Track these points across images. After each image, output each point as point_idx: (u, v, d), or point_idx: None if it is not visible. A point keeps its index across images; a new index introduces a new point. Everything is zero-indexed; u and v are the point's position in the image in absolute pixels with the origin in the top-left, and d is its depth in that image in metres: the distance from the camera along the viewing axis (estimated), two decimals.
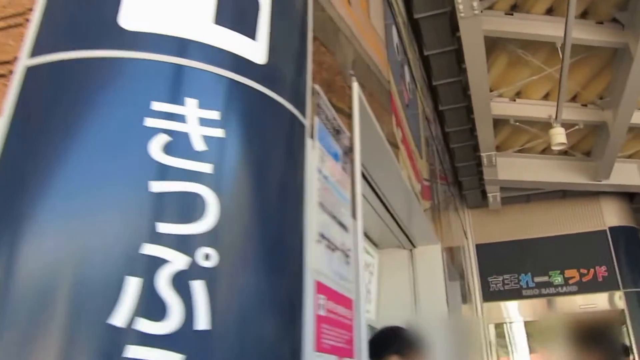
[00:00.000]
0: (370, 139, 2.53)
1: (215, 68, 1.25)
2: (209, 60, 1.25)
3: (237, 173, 1.21)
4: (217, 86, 1.26)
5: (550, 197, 8.24)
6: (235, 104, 1.34)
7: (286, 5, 1.62)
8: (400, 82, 3.53)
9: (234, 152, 1.21)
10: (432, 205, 4.19)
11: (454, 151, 6.77)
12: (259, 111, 1.39)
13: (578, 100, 6.20)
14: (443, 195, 5.32)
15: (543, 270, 7.98)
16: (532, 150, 7.21)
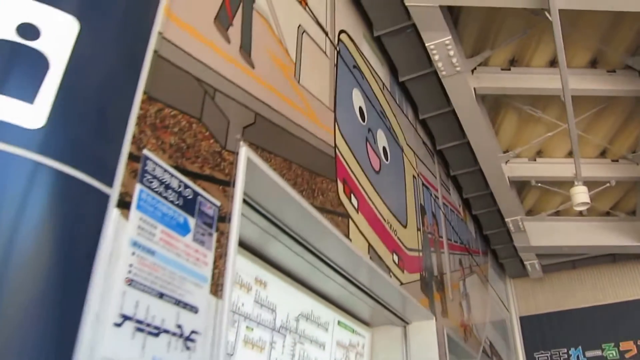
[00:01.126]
0: (290, 207, 2.29)
1: None
2: None
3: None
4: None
5: (599, 262, 7.50)
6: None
7: (94, 64, 1.45)
8: (366, 148, 3.28)
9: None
10: (422, 277, 3.81)
11: (477, 218, 6.33)
12: (26, 181, 1.22)
13: (608, 156, 5.69)
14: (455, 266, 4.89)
15: (595, 343, 7.17)
16: (568, 212, 6.64)
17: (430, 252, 4.18)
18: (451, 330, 4.18)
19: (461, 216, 5.72)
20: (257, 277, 2.78)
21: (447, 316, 4.24)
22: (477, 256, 6.13)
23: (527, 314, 7.69)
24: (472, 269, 5.68)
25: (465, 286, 5.12)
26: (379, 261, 3.08)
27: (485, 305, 5.91)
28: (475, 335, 5.04)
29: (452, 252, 4.89)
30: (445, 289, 4.37)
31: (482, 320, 5.53)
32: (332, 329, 3.44)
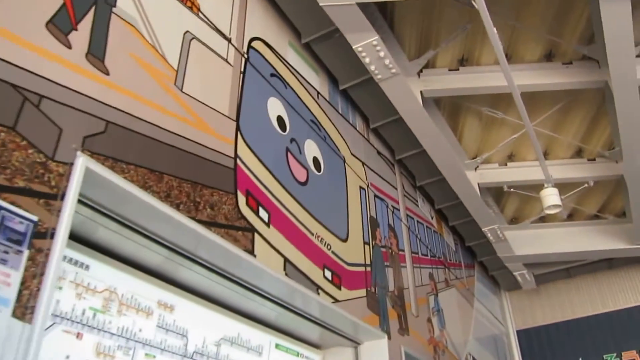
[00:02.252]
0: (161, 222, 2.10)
1: None
2: None
3: None
4: None
5: (595, 269, 7.16)
6: None
7: None
8: (286, 158, 3.09)
9: None
10: (370, 293, 3.57)
11: (456, 229, 6.06)
12: None
13: (584, 155, 5.41)
14: (422, 281, 4.63)
15: (596, 354, 6.78)
16: (554, 218, 6.33)
17: (384, 267, 3.94)
18: (412, 349, 3.92)
19: (434, 228, 5.47)
20: (160, 301, 2.58)
21: (408, 333, 3.98)
22: (457, 269, 5.85)
23: (525, 327, 7.34)
24: (450, 283, 5.40)
25: (437, 301, 4.84)
26: (301, 278, 2.86)
27: (467, 320, 5.60)
28: (452, 352, 4.74)
29: (418, 266, 4.64)
30: (406, 305, 4.12)
31: (462, 337, 5.23)
32: (268, 352, 3.21)
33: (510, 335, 7.29)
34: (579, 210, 6.28)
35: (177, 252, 2.26)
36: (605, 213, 6.23)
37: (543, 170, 4.64)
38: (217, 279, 2.59)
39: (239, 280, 2.60)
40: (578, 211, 6.30)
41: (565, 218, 6.37)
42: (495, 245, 5.94)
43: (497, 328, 6.73)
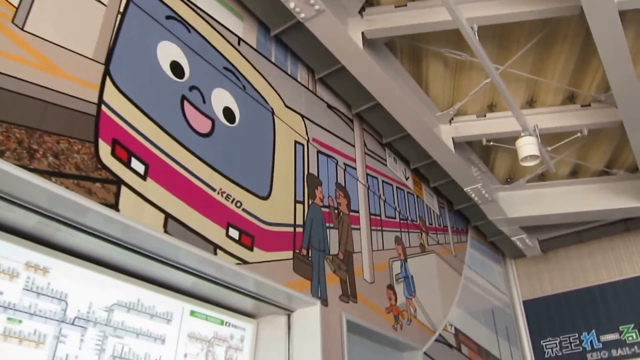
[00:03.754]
0: None
1: None
2: None
3: None
4: None
5: (610, 232, 6.81)
6: None
7: None
8: (181, 107, 2.96)
9: None
10: (298, 255, 3.42)
11: (439, 191, 5.83)
12: None
13: (577, 101, 5.09)
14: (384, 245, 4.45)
15: (611, 325, 6.47)
16: (555, 176, 6.04)
17: (325, 228, 3.79)
18: (359, 316, 3.77)
19: (408, 189, 5.26)
20: (29, 263, 2.50)
21: (356, 300, 3.82)
22: (440, 234, 5.63)
23: (532, 297, 7.06)
24: (427, 249, 5.20)
25: (405, 267, 4.66)
26: (191, 236, 2.74)
27: (451, 289, 5.40)
28: (421, 322, 4.56)
29: (378, 229, 4.46)
30: (356, 269, 3.96)
31: (441, 306, 5.04)
32: (180, 319, 3.12)
33: (516, 306, 7.03)
34: (583, 166, 5.96)
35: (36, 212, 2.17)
36: (615, 168, 5.88)
37: (517, 117, 4.38)
38: (87, 239, 2.49)
39: (108, 238, 2.49)
40: (582, 167, 5.98)
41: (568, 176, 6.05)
42: (483, 207, 5.70)
43: (496, 298, 6.49)
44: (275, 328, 3.52)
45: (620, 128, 4.98)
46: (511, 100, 4.20)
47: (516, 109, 4.29)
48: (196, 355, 3.15)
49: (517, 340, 6.70)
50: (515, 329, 6.76)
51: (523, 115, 4.37)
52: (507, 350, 6.22)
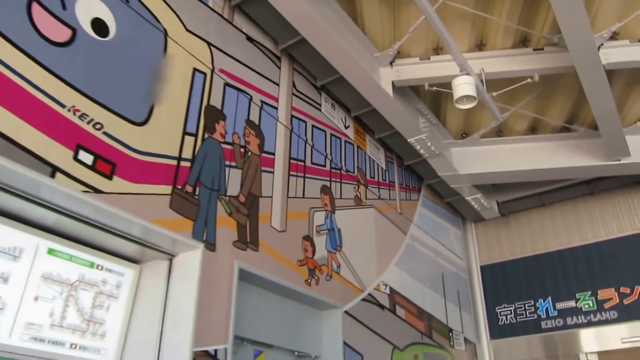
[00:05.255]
0: None
1: None
2: None
3: None
4: None
5: (572, 194, 6.30)
6: None
7: None
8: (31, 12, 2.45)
9: None
10: (179, 192, 2.93)
11: (385, 144, 5.30)
12: None
13: (530, 45, 4.53)
14: (303, 192, 3.96)
15: (568, 292, 6.00)
16: (512, 132, 5.51)
17: (222, 165, 3.28)
18: (258, 266, 3.29)
19: (346, 138, 4.73)
20: None
21: (257, 248, 3.34)
22: (385, 189, 5.12)
23: (490, 262, 6.58)
24: (364, 202, 4.70)
25: (332, 219, 4.17)
26: (23, 155, 2.25)
27: (390, 247, 4.91)
28: (344, 278, 4.08)
29: (300, 175, 3.95)
30: (261, 215, 3.47)
31: (375, 264, 4.56)
32: (32, 258, 2.63)
33: (473, 271, 6.56)
34: (542, 123, 5.42)
35: None
36: (576, 124, 5.34)
37: (454, 56, 3.84)
38: None
39: None
40: (542, 123, 5.44)
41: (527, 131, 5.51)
42: (431, 161, 5.18)
43: (449, 261, 6.00)
44: (157, 274, 3.05)
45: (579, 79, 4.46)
46: (447, 36, 3.67)
47: (453, 46, 3.75)
48: (52, 299, 2.68)
49: (470, 305, 6.23)
50: (469, 295, 6.28)
51: (460, 54, 3.84)
52: (456, 315, 5.76)
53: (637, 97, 4.96)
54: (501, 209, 6.41)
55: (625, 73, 4.70)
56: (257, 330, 3.38)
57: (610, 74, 4.56)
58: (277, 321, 3.56)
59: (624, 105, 5.03)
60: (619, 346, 5.56)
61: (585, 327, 5.77)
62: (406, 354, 4.58)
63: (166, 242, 2.88)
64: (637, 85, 4.85)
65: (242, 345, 3.26)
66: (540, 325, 5.99)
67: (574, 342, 5.78)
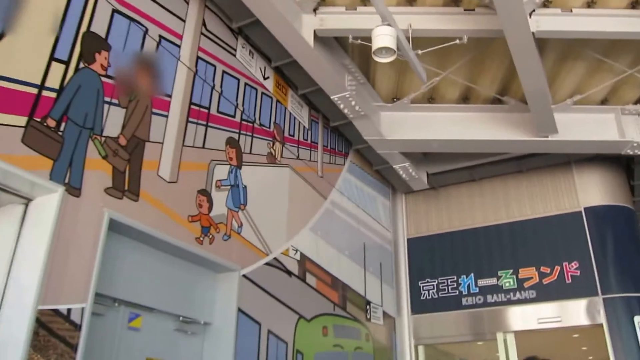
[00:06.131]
0: None
1: None
2: None
3: None
4: None
5: (502, 171, 6.08)
6: None
7: None
8: None
9: None
10: (36, 125, 2.46)
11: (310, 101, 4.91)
12: None
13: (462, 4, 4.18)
14: (205, 142, 3.54)
15: (490, 270, 5.80)
16: (443, 99, 5.19)
17: (100, 101, 2.83)
18: (136, 217, 2.87)
19: (264, 90, 4.32)
20: None
21: (137, 198, 2.91)
22: (306, 150, 4.75)
23: (418, 235, 6.33)
24: (279, 161, 4.32)
25: (237, 175, 3.77)
26: None
27: (306, 210, 4.56)
28: (245, 239, 3.71)
29: (200, 123, 3.53)
30: (146, 162, 3.03)
31: (285, 227, 4.19)
32: None
33: (399, 243, 6.29)
34: (474, 92, 5.13)
35: None
36: (508, 95, 5.06)
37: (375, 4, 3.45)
38: None
39: None
40: (474, 93, 5.15)
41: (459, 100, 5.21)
42: (356, 123, 4.83)
43: (373, 232, 5.70)
44: (9, 220, 2.59)
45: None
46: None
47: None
48: None
49: (393, 279, 5.97)
50: (392, 267, 6.02)
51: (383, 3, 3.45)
52: (376, 287, 5.48)
53: (568, 73, 4.72)
54: (431, 181, 6.14)
55: (557, 46, 4.45)
56: (134, 291, 2.98)
57: (542, 46, 4.31)
58: (160, 282, 3.16)
59: (554, 81, 4.80)
60: (536, 326, 5.42)
61: (504, 304, 5.59)
62: (314, 325, 4.27)
63: (15, 182, 2.43)
64: (570, 61, 4.60)
65: (113, 307, 2.86)
66: (461, 302, 5.79)
67: (492, 321, 5.60)
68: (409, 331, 5.88)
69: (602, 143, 4.97)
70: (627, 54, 4.44)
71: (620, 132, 4.93)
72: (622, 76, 4.56)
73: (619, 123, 4.97)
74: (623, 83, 4.76)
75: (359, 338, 4.92)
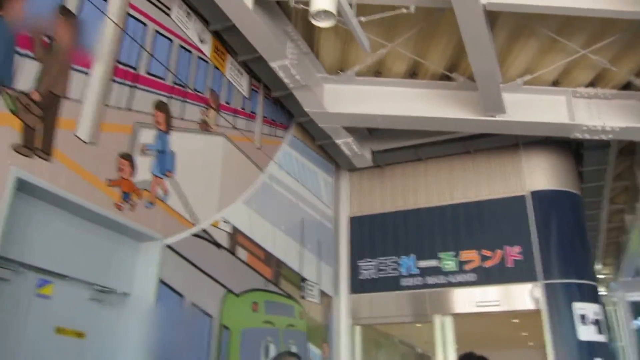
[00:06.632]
0: None
1: None
2: None
3: None
4: None
5: (449, 151, 6.19)
6: None
7: None
8: None
9: None
10: None
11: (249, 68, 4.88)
12: None
13: None
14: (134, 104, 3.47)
15: (431, 251, 5.92)
16: (390, 73, 5.22)
17: (13, 52, 2.74)
18: (47, 177, 2.80)
19: (201, 54, 4.26)
20: None
21: (48, 157, 2.84)
22: (242, 119, 4.72)
23: (360, 214, 6.40)
24: (214, 129, 4.28)
25: (164, 140, 3.72)
26: None
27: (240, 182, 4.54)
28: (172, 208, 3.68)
29: (126, 83, 3.46)
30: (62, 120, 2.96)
31: (216, 198, 4.18)
32: None
33: (341, 221, 6.36)
34: (423, 68, 5.17)
35: None
36: (457, 72, 5.11)
37: None
38: None
39: None
40: (422, 68, 5.19)
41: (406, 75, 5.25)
42: (297, 94, 4.82)
43: (314, 208, 5.74)
44: None
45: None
46: None
47: None
48: None
49: (333, 257, 6.04)
50: (333, 245, 6.08)
51: None
52: (313, 265, 5.53)
53: (520, 51, 4.78)
54: (376, 159, 6.20)
55: (510, 21, 4.49)
56: (44, 257, 2.92)
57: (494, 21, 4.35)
58: (75, 249, 3.11)
59: (506, 59, 4.86)
60: (474, 309, 5.57)
61: (444, 286, 5.73)
62: (243, 300, 4.28)
63: None
64: (522, 38, 4.66)
65: (19, 272, 2.80)
66: (400, 283, 5.90)
67: (431, 302, 5.74)
68: (346, 311, 5.97)
69: (551, 125, 5.07)
70: (581, 33, 4.49)
71: (571, 115, 5.02)
72: (575, 56, 4.62)
73: (569, 106, 5.06)
74: (576, 64, 4.84)
75: (292, 315, 4.97)
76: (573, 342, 5.19)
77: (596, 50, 4.47)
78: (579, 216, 5.88)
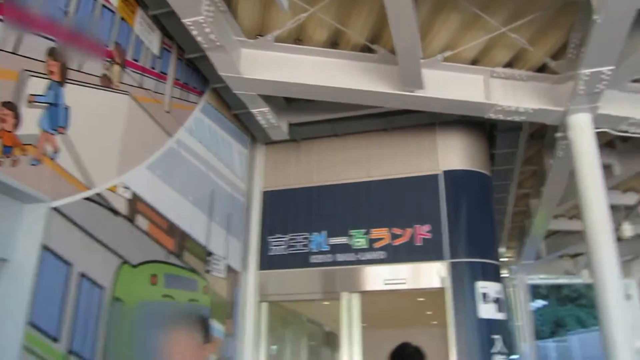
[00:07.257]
0: None
1: None
2: None
3: None
4: None
5: (366, 128, 6.06)
6: None
7: None
8: None
9: None
10: None
11: (162, 24, 4.50)
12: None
13: None
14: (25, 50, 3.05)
15: (342, 228, 5.78)
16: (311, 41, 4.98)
17: None
18: None
19: (107, 2, 3.85)
20: None
21: None
22: (151, 78, 4.35)
23: (274, 188, 6.16)
24: (117, 86, 3.90)
25: (58, 92, 3.33)
26: None
27: (145, 148, 4.19)
28: (63, 169, 3.29)
29: (12, 24, 3.03)
30: None
31: (115, 161, 3.82)
32: None
33: (254, 195, 6.11)
34: (344, 37, 4.95)
35: None
36: (378, 44, 4.93)
37: None
38: None
39: None
40: (344, 38, 4.97)
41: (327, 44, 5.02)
42: (210, 54, 4.49)
43: (225, 180, 5.45)
44: None
45: None
46: None
47: None
48: None
49: (243, 231, 5.78)
50: (243, 220, 5.82)
51: None
52: (221, 238, 5.25)
53: (442, 25, 4.65)
54: (293, 133, 5.97)
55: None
56: None
57: None
58: None
59: (427, 33, 4.72)
60: (381, 287, 5.48)
61: (353, 264, 5.61)
62: (140, 271, 3.96)
63: None
64: (445, 12, 4.52)
65: None
66: (309, 260, 5.73)
67: (340, 280, 5.63)
68: (254, 287, 5.75)
69: (467, 104, 4.99)
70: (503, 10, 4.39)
71: (487, 94, 4.96)
72: (495, 34, 4.54)
73: (486, 85, 4.99)
74: (495, 42, 4.76)
75: (195, 290, 4.69)
76: (473, 319, 5.21)
77: (516, 28, 4.40)
78: (487, 197, 5.91)
